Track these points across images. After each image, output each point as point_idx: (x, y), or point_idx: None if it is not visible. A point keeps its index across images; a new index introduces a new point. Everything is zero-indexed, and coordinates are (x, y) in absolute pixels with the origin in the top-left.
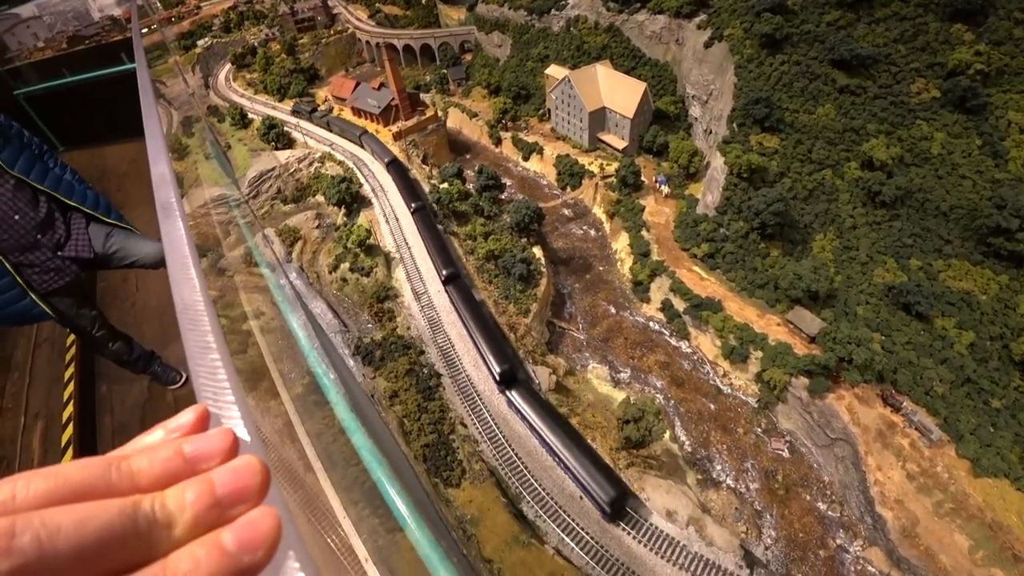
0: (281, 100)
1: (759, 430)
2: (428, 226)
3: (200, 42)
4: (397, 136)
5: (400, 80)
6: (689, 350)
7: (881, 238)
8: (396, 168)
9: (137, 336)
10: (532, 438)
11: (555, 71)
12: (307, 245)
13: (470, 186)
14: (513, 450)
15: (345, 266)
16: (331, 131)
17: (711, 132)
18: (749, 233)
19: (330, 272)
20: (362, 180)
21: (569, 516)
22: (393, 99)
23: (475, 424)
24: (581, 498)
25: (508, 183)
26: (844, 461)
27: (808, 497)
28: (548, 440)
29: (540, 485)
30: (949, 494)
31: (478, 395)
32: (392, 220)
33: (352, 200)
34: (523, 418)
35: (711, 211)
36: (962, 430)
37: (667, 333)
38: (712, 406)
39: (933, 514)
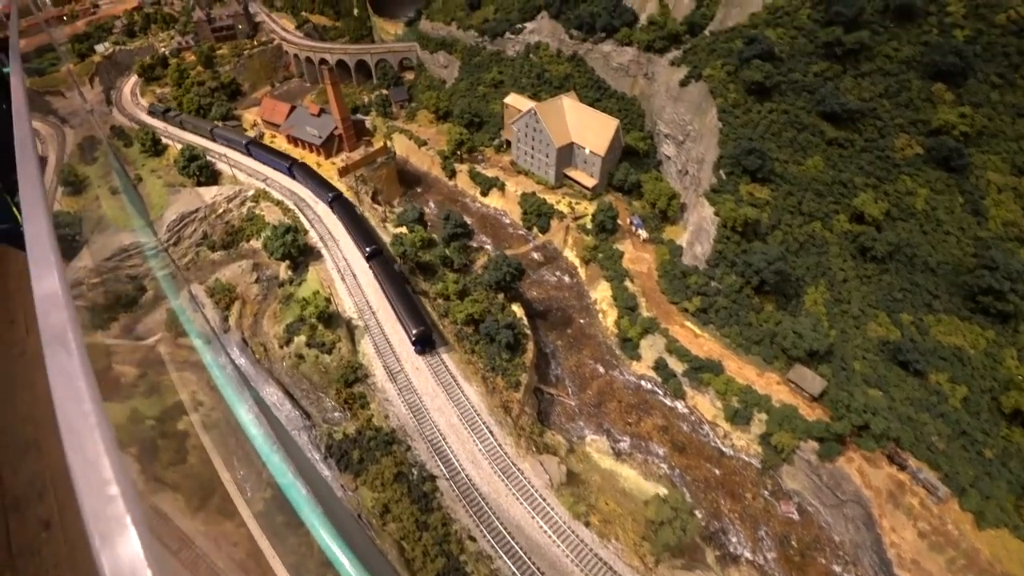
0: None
1: (767, 493)
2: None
3: (99, 47)
4: (343, 171)
5: (344, 106)
6: (686, 411)
7: (872, 292)
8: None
9: (31, 397)
10: (553, 546)
11: (516, 101)
12: (246, 306)
13: (432, 230)
14: (534, 564)
15: (300, 340)
16: (252, 158)
17: (687, 173)
18: (743, 288)
19: (281, 346)
20: (307, 225)
21: None
22: (336, 128)
23: (485, 536)
24: None
25: (468, 221)
26: (855, 521)
27: (823, 560)
28: None
29: None
30: (961, 551)
31: (483, 498)
32: (349, 276)
33: (299, 253)
34: None
35: (701, 263)
36: (962, 483)
37: (661, 393)
38: (717, 471)
39: (947, 572)
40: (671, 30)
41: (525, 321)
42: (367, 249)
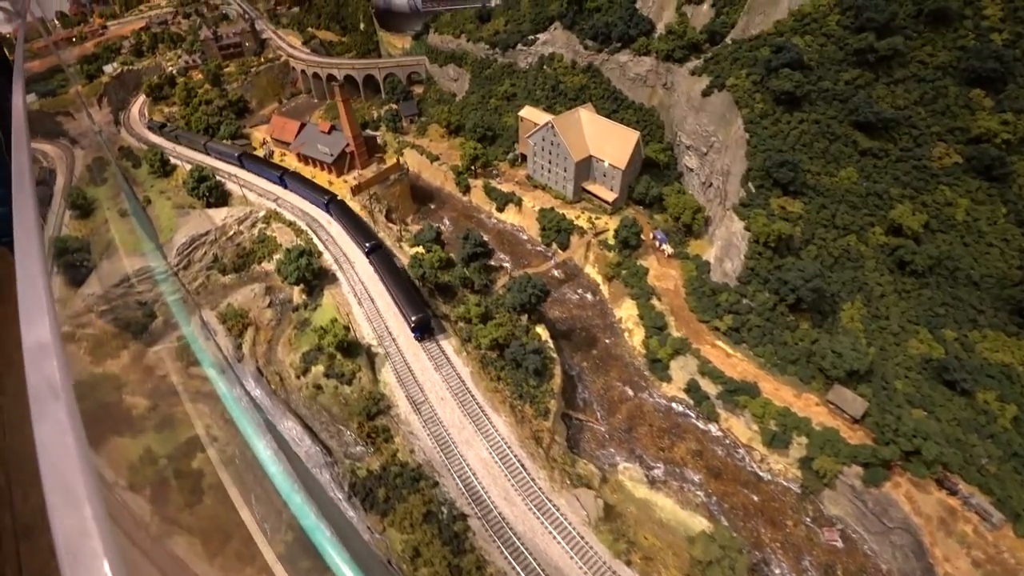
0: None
1: (808, 519)
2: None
3: (107, 68)
4: (356, 190)
5: (356, 124)
6: (719, 433)
7: (911, 307)
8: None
9: None
10: None
11: (531, 114)
12: (260, 333)
13: (448, 248)
14: None
15: (318, 370)
16: (245, 169)
17: (711, 185)
18: (777, 305)
19: (298, 376)
20: (320, 246)
21: None
22: (348, 145)
23: None
24: None
25: (486, 239)
26: (903, 549)
27: None
28: None
29: None
30: None
31: (518, 538)
32: (367, 301)
33: (314, 277)
34: None
35: (732, 280)
36: (1016, 508)
37: (694, 416)
38: (755, 497)
39: None
40: (691, 39)
41: (551, 344)
42: (367, 245)
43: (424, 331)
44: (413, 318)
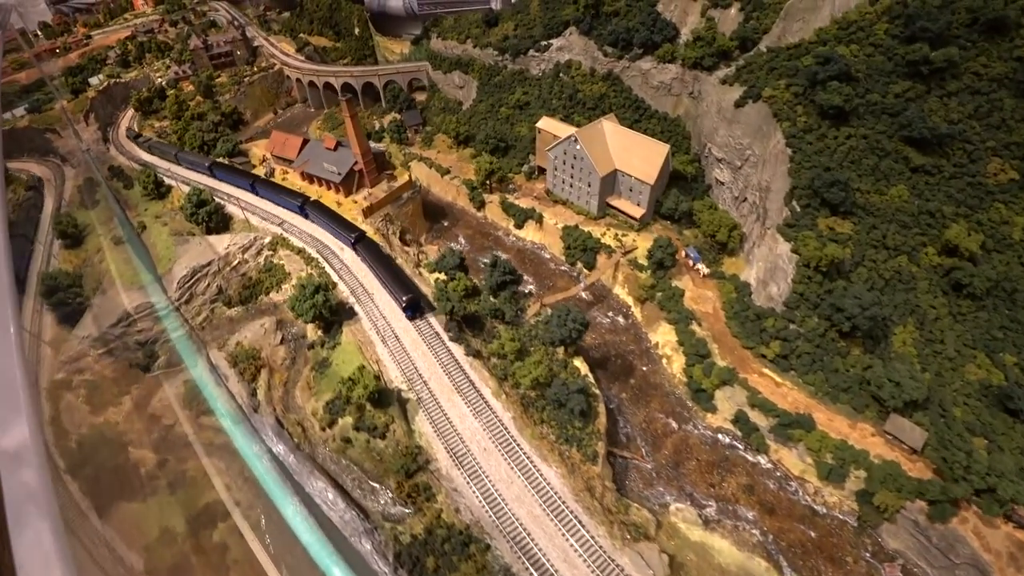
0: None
1: (867, 555)
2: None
3: (93, 80)
4: (369, 211)
5: (364, 139)
6: (769, 465)
7: (967, 331)
8: (316, 209)
9: None
10: None
11: (550, 125)
12: (275, 375)
13: (470, 272)
14: None
15: (347, 422)
16: (216, 179)
17: (745, 200)
18: (827, 331)
19: (323, 428)
20: (334, 276)
21: None
22: (356, 162)
23: None
24: None
25: (505, 258)
26: None
27: None
28: None
29: None
30: None
31: None
32: (391, 338)
33: (331, 314)
34: None
35: (778, 304)
36: None
37: (741, 447)
38: (812, 532)
39: None
40: (721, 46)
41: (591, 378)
42: (404, 299)
43: (415, 311)
44: (404, 298)
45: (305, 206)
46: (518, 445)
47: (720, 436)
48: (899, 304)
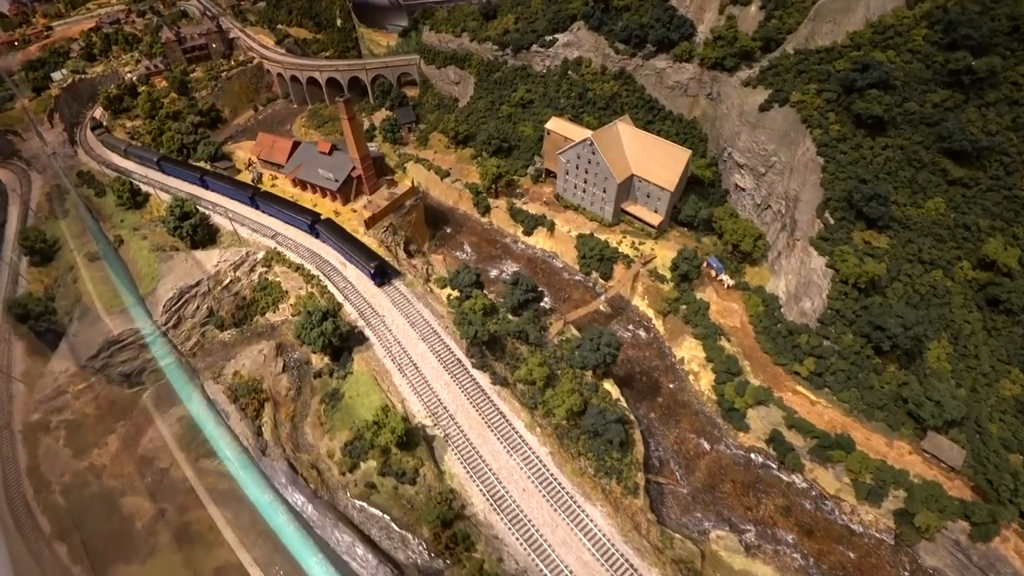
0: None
1: (906, 573)
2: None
3: (55, 75)
4: (371, 222)
5: (364, 143)
6: (804, 485)
7: (1002, 346)
8: (263, 197)
9: None
10: None
11: (560, 126)
12: (280, 410)
13: (487, 289)
14: None
15: (370, 466)
16: (166, 174)
17: (769, 208)
18: (863, 348)
19: (343, 472)
20: (339, 296)
21: None
22: (354, 168)
23: None
24: None
25: (515, 269)
26: None
27: None
28: None
29: None
30: None
31: None
32: (408, 366)
33: (341, 341)
34: None
35: (811, 320)
36: None
37: (775, 467)
38: (851, 553)
39: None
40: (743, 45)
41: (623, 402)
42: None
43: (383, 276)
44: (372, 265)
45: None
46: (559, 484)
47: (753, 455)
48: (934, 319)
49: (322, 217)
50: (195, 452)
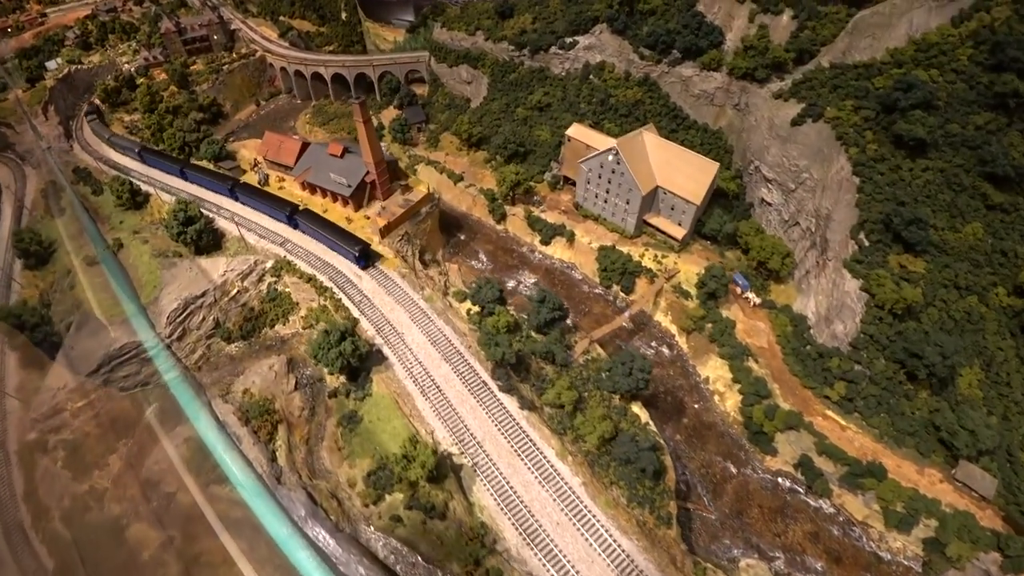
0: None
1: None
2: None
3: (50, 64)
4: (386, 231)
5: (379, 147)
6: (832, 510)
7: None
8: (309, 220)
9: None
10: None
11: (582, 133)
12: (294, 431)
13: (509, 306)
14: None
15: (396, 499)
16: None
17: (796, 224)
18: (896, 373)
19: (366, 504)
20: (354, 311)
21: None
22: (368, 172)
23: None
24: None
25: (533, 280)
26: None
27: None
28: None
29: None
30: None
31: None
32: (431, 389)
33: (360, 361)
34: None
35: (843, 344)
36: None
37: (802, 491)
38: None
39: None
40: (775, 57)
41: (652, 427)
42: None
43: (367, 259)
44: (356, 248)
45: (235, 189)
46: (594, 517)
47: (780, 480)
48: (966, 346)
49: (300, 208)
50: (205, 477)
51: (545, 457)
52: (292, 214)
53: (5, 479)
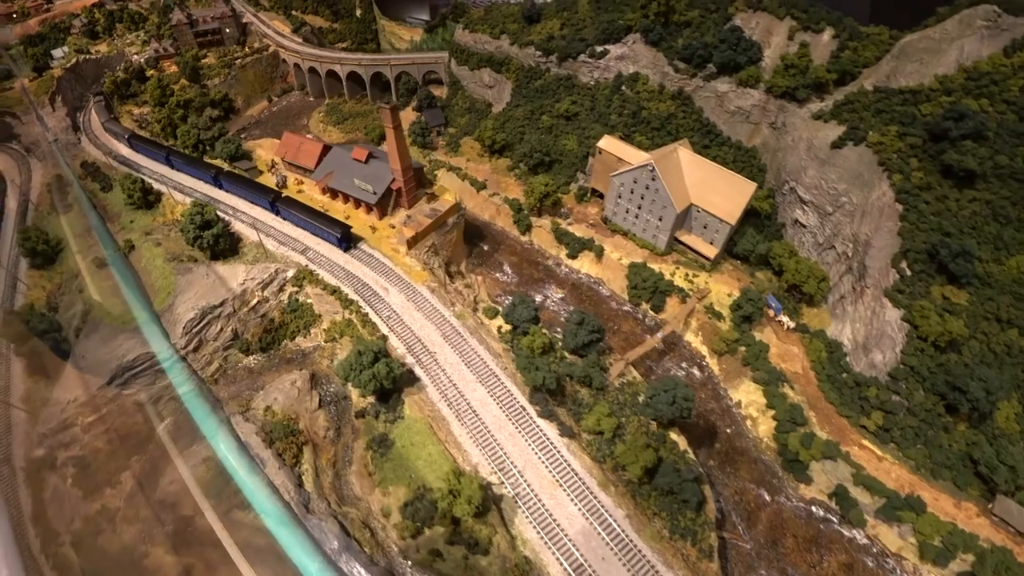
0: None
1: None
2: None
3: (57, 53)
4: (413, 242)
5: (407, 153)
6: (866, 541)
7: None
8: (291, 207)
9: None
10: None
11: (614, 146)
12: (320, 454)
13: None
14: None
15: (436, 533)
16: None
17: (832, 248)
18: (935, 405)
19: (403, 537)
20: (383, 327)
21: None
22: (394, 180)
23: None
24: None
25: (560, 295)
26: None
27: None
28: None
29: None
30: None
31: None
32: (467, 413)
33: (394, 384)
34: None
35: (881, 373)
36: None
37: (836, 521)
38: None
39: None
40: (817, 76)
41: (691, 454)
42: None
43: (348, 241)
44: (338, 231)
45: (219, 177)
46: (639, 551)
47: (814, 508)
48: (1006, 379)
49: (283, 195)
50: (226, 503)
51: (588, 488)
52: (274, 201)
53: (11, 498)
